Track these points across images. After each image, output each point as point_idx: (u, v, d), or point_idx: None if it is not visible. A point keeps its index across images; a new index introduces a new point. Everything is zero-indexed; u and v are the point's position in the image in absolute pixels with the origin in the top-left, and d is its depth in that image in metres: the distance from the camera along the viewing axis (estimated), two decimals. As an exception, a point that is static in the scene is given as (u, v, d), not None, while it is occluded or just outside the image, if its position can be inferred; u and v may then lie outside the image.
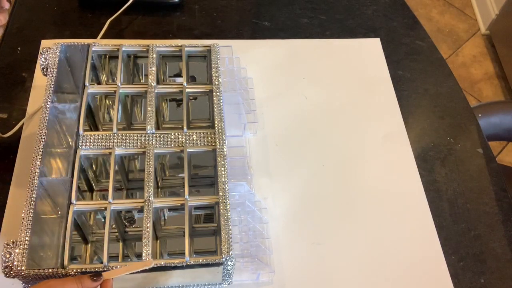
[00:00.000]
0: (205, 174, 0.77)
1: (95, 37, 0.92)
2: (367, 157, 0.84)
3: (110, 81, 0.78)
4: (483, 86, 1.96)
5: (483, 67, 2.01)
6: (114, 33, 0.95)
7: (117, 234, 0.68)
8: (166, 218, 0.73)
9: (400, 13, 1.06)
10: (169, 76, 0.83)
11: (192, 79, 0.81)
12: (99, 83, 0.77)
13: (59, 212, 0.61)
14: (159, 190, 0.74)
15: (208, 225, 0.72)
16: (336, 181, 0.81)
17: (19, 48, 0.92)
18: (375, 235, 0.76)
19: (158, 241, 0.68)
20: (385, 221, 0.77)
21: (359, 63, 0.96)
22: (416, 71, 0.97)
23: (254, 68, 0.91)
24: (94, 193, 0.73)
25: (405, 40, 1.02)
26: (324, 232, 0.75)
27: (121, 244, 0.69)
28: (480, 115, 1.03)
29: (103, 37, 0.93)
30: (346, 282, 0.71)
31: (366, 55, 0.98)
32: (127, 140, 0.65)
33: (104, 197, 0.62)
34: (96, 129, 0.75)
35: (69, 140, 0.66)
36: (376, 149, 0.85)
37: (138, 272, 0.55)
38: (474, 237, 0.77)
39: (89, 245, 0.68)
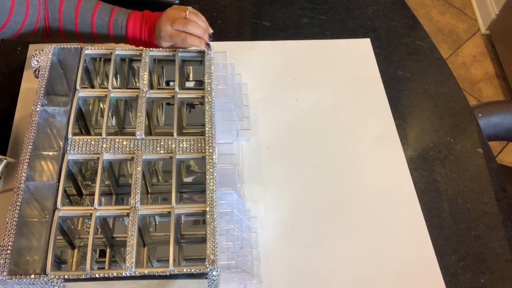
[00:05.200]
0: (199, 180, 0.77)
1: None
2: (359, 158, 0.84)
3: (104, 83, 0.78)
4: (483, 86, 1.96)
5: (483, 67, 2.01)
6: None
7: (104, 240, 0.68)
8: (157, 224, 0.73)
9: (400, 13, 1.06)
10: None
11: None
12: (92, 86, 0.76)
13: (47, 216, 0.61)
14: (149, 196, 0.74)
15: (198, 232, 0.71)
16: (328, 182, 0.81)
17: (19, 48, 0.92)
18: (367, 235, 0.76)
19: (146, 248, 0.68)
20: (377, 221, 0.77)
21: (350, 63, 0.96)
22: (416, 71, 0.97)
23: (250, 72, 0.91)
24: (83, 197, 0.73)
25: (405, 40, 1.01)
26: (316, 234, 0.75)
27: (108, 250, 0.69)
28: (480, 115, 1.03)
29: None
30: (337, 284, 0.71)
31: (357, 55, 0.98)
32: (116, 146, 0.65)
33: (92, 203, 0.61)
34: (88, 132, 0.74)
35: (60, 143, 0.66)
36: (367, 150, 0.85)
37: None
38: (474, 237, 0.77)
39: (76, 250, 0.68)
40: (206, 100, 0.70)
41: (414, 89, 0.94)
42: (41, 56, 0.70)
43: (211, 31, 0.76)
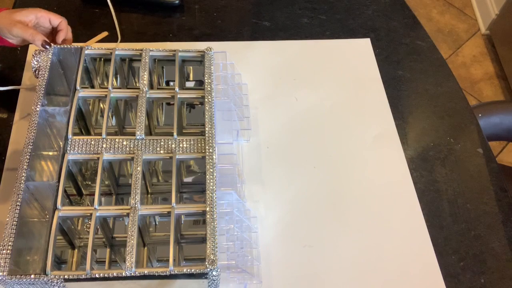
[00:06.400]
0: (199, 181, 0.77)
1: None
2: (359, 158, 0.83)
3: (104, 83, 0.78)
4: (483, 86, 1.96)
5: (483, 67, 2.01)
6: (115, 33, 0.95)
7: (104, 240, 0.68)
8: (157, 224, 0.73)
9: (400, 13, 1.06)
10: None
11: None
12: (92, 86, 0.76)
13: (47, 216, 0.61)
14: (149, 196, 0.74)
15: (198, 232, 0.72)
16: (328, 182, 0.80)
17: (19, 48, 0.92)
18: (367, 235, 0.75)
19: (146, 248, 0.68)
20: (377, 221, 0.77)
21: (350, 63, 0.96)
22: (416, 71, 0.97)
23: (250, 72, 0.91)
24: (83, 197, 0.73)
25: (405, 40, 1.01)
26: (316, 234, 0.75)
27: (108, 249, 0.69)
28: (480, 115, 1.03)
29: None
30: (337, 284, 0.71)
31: (357, 55, 0.97)
32: (116, 146, 0.65)
33: (92, 203, 0.62)
34: (88, 132, 0.74)
35: (60, 143, 0.66)
36: (367, 150, 0.84)
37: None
38: (474, 237, 0.77)
39: (76, 250, 0.68)
40: (206, 100, 0.70)
41: (414, 89, 0.94)
42: (41, 56, 0.70)
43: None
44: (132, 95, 0.70)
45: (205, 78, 0.72)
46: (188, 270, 0.57)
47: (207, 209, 0.61)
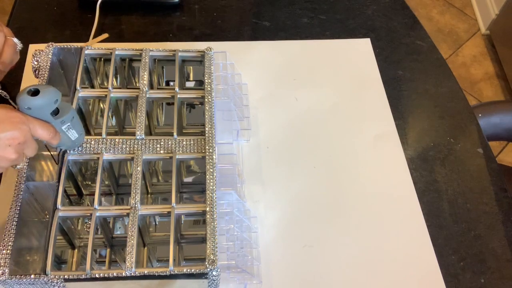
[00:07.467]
0: (199, 181, 0.77)
1: (95, 37, 0.92)
2: (359, 158, 0.83)
3: (104, 83, 0.78)
4: (483, 86, 1.96)
5: (483, 67, 2.01)
6: (114, 33, 0.95)
7: (104, 240, 0.68)
8: (157, 224, 0.73)
9: (400, 13, 1.06)
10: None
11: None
12: (92, 86, 0.76)
13: (47, 216, 0.61)
14: (149, 196, 0.74)
15: (198, 232, 0.72)
16: (327, 182, 0.80)
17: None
18: (367, 235, 0.75)
19: (146, 248, 0.68)
20: (377, 221, 0.77)
21: (350, 63, 0.96)
22: (416, 71, 0.97)
23: (250, 72, 0.91)
24: (83, 197, 0.73)
25: (405, 40, 1.01)
26: (316, 234, 0.75)
27: (108, 249, 0.69)
28: (480, 115, 1.03)
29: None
30: (337, 284, 0.71)
31: (357, 55, 0.97)
32: (116, 146, 0.65)
33: (92, 203, 0.62)
34: (88, 132, 0.74)
35: None
36: (367, 150, 0.84)
37: None
38: (474, 237, 0.77)
39: (76, 250, 0.68)
40: (206, 100, 0.70)
41: (414, 89, 0.94)
42: (41, 56, 0.70)
43: None
44: (132, 95, 0.70)
45: (205, 78, 0.72)
46: (188, 270, 0.57)
47: (207, 209, 0.61)
